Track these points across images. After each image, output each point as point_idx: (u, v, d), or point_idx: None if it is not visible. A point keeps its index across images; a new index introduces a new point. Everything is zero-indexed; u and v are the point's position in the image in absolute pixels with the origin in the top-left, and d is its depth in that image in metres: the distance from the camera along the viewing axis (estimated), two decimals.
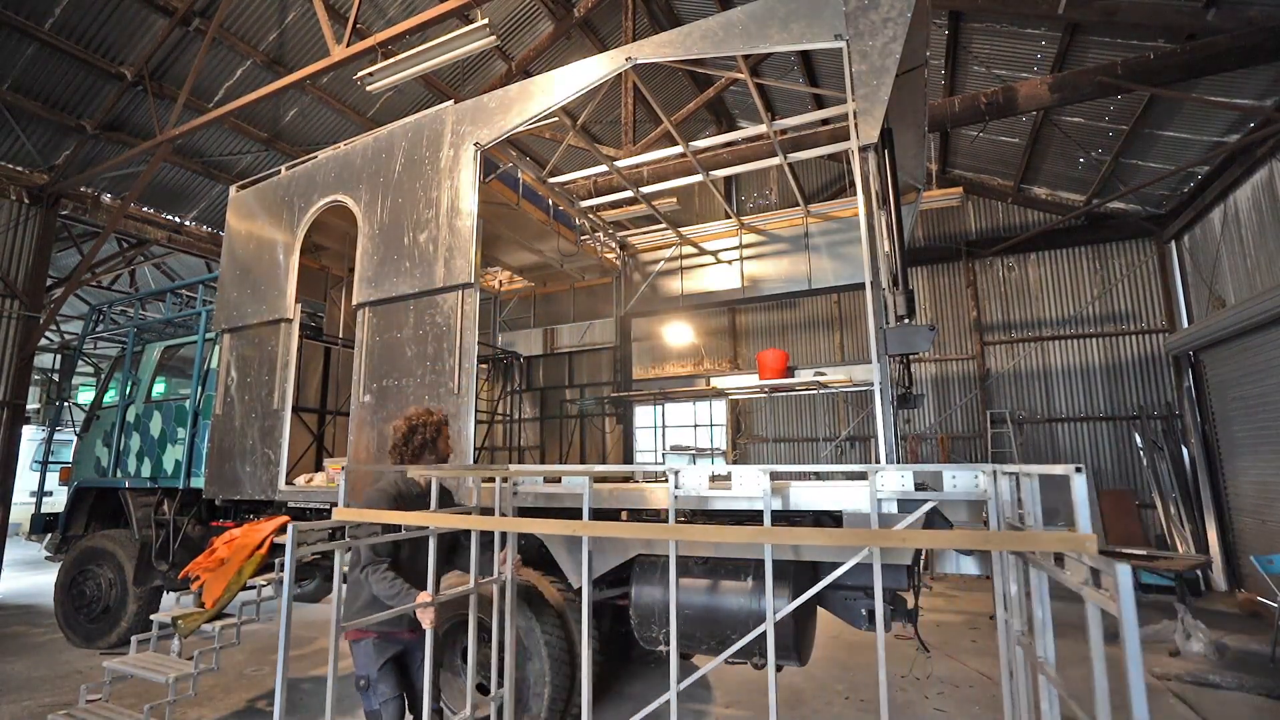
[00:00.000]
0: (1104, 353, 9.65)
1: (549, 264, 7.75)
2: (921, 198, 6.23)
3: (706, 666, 2.64)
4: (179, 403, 6.13)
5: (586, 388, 9.13)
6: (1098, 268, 9.85)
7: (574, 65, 4.19)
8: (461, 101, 4.57)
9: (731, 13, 3.71)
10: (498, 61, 9.50)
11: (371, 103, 9.45)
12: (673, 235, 7.67)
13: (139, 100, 8.24)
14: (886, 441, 3.02)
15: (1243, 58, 5.58)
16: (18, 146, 8.24)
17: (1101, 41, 6.90)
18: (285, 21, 7.92)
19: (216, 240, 10.39)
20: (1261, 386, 7.14)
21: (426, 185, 4.51)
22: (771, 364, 7.80)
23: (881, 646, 2.27)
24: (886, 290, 3.50)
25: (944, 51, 7.88)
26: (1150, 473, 8.80)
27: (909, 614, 3.35)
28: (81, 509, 6.76)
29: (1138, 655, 1.22)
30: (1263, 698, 4.56)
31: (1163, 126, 7.64)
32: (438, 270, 4.32)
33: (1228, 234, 7.80)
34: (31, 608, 7.73)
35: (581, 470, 2.97)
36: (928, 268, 10.91)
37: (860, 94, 3.27)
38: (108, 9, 7.15)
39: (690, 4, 9.56)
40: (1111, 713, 1.38)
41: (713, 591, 3.28)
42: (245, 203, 5.73)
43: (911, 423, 10.59)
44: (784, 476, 3.51)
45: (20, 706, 4.57)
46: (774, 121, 5.45)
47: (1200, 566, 6.77)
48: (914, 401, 4.88)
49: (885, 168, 4.17)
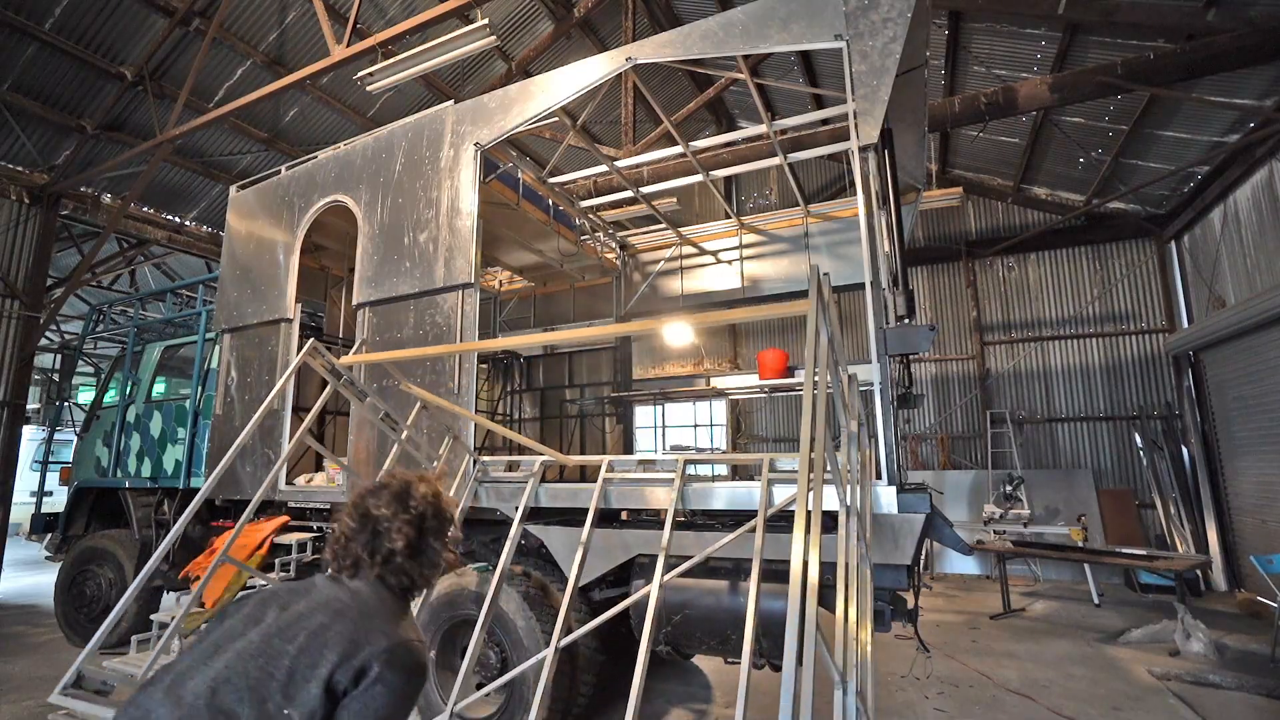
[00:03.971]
0: (1104, 353, 9.64)
1: (549, 264, 7.75)
2: (921, 198, 6.24)
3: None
4: (179, 403, 6.13)
5: (586, 388, 9.13)
6: (1098, 268, 9.85)
7: (574, 65, 4.19)
8: (461, 101, 4.58)
9: (731, 13, 3.71)
10: (498, 61, 9.49)
11: (371, 103, 9.44)
12: (673, 235, 7.68)
13: (139, 100, 8.23)
14: (886, 442, 3.02)
15: (1243, 58, 5.57)
16: (18, 146, 8.23)
17: (1101, 41, 6.90)
18: (285, 21, 7.91)
19: (216, 240, 10.38)
20: (1261, 386, 7.14)
21: (426, 185, 4.52)
22: (771, 364, 7.81)
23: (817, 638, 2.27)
24: (886, 290, 3.51)
25: (944, 51, 7.88)
26: (1150, 473, 8.79)
27: (909, 614, 3.35)
28: (81, 509, 6.76)
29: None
30: (1263, 698, 4.56)
31: (1163, 126, 7.63)
32: (438, 270, 4.32)
33: (1228, 234, 7.80)
34: (31, 608, 7.73)
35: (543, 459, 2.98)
36: (928, 268, 10.90)
37: (860, 94, 3.27)
38: (108, 9, 7.15)
39: (690, 4, 9.56)
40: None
41: (713, 591, 3.28)
42: (245, 203, 5.73)
43: (911, 423, 10.59)
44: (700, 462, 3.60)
45: (20, 706, 4.57)
46: (774, 121, 5.46)
47: (1200, 566, 6.78)
48: (914, 401, 4.89)
49: (885, 168, 4.17)
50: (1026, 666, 5.27)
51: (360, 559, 1.47)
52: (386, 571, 1.47)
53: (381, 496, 1.54)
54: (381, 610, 1.39)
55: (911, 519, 2.87)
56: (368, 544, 1.48)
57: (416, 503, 1.54)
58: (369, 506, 1.52)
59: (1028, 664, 5.34)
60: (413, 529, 1.51)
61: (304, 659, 1.23)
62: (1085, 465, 9.36)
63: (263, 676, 1.21)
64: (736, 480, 3.31)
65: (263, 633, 1.27)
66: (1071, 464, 9.45)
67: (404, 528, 1.50)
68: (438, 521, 1.58)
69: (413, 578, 1.52)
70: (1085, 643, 5.93)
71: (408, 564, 1.50)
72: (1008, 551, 7.13)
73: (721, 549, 3.12)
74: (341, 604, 1.34)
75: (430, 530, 1.55)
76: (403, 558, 1.49)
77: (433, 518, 1.57)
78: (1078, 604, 7.42)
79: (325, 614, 1.31)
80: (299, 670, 1.22)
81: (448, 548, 1.62)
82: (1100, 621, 6.64)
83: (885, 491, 2.91)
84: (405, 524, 1.50)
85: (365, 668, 1.23)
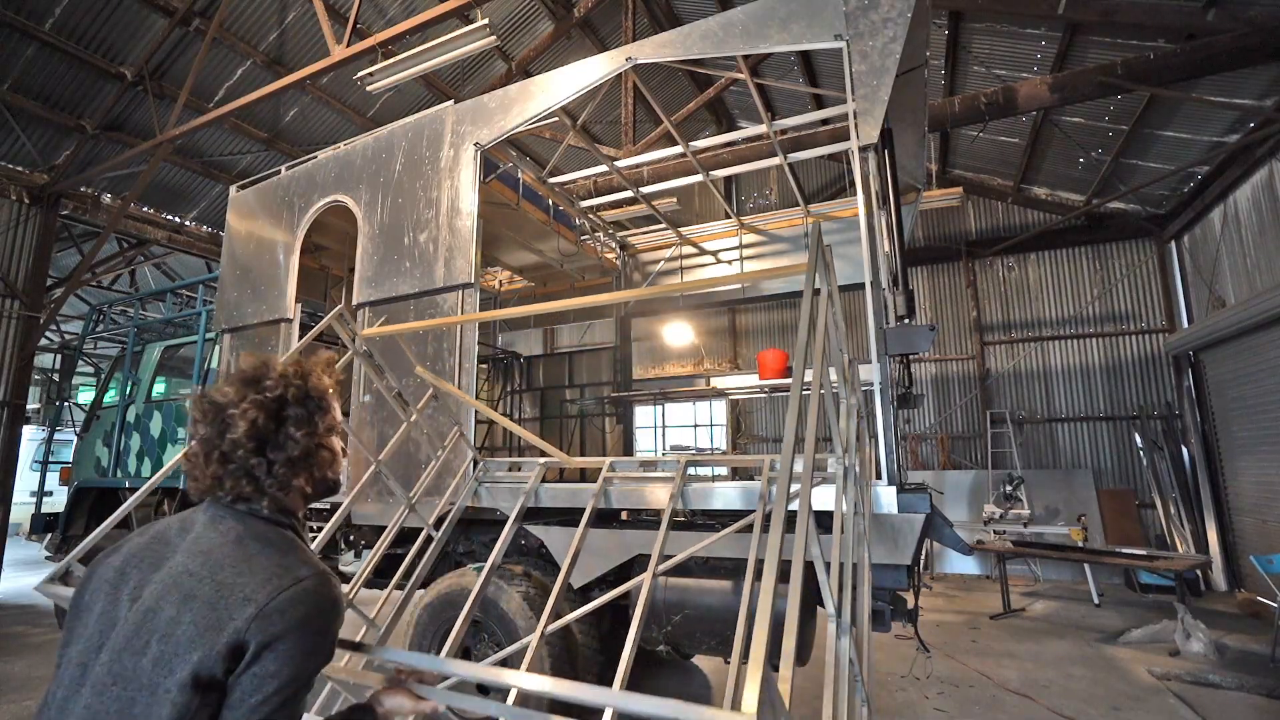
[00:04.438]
0: (1104, 353, 9.64)
1: (549, 264, 7.75)
2: (921, 198, 6.24)
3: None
4: (179, 403, 6.13)
5: (586, 388, 9.15)
6: (1098, 268, 9.85)
7: (574, 65, 4.19)
8: (461, 101, 4.57)
9: (731, 13, 3.71)
10: (498, 61, 9.50)
11: (371, 103, 9.45)
12: (673, 235, 7.68)
13: (139, 100, 8.23)
14: (886, 442, 3.02)
15: (1243, 58, 5.57)
16: (18, 146, 8.23)
17: (1101, 41, 6.90)
18: (285, 21, 7.92)
19: (216, 240, 10.38)
20: (1261, 386, 7.14)
21: (426, 185, 4.52)
22: (771, 364, 7.81)
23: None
24: (886, 290, 3.51)
25: (944, 51, 7.88)
26: (1150, 473, 8.80)
27: (909, 614, 3.35)
28: (81, 509, 6.76)
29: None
30: (1263, 698, 4.56)
31: (1163, 126, 7.63)
32: (438, 270, 4.32)
33: (1228, 234, 7.80)
34: (31, 608, 7.72)
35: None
36: (928, 268, 10.90)
37: (860, 94, 3.27)
38: (108, 9, 7.15)
39: (690, 4, 9.56)
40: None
41: (713, 591, 3.28)
42: (245, 203, 5.73)
43: (911, 423, 10.59)
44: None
45: (20, 706, 4.57)
46: (774, 121, 5.46)
47: (1200, 566, 6.78)
48: (914, 401, 4.89)
49: (885, 168, 4.17)
50: (1026, 666, 5.28)
51: (219, 475, 1.17)
52: (241, 483, 1.17)
53: (231, 381, 1.22)
54: (248, 558, 1.11)
55: (911, 519, 2.87)
56: (216, 447, 1.17)
57: (273, 383, 1.20)
58: (215, 395, 1.20)
59: (1028, 664, 5.34)
60: (261, 412, 1.17)
61: (161, 674, 1.00)
62: (1085, 465, 9.36)
63: (122, 711, 1.00)
64: (737, 480, 3.31)
65: (113, 651, 1.04)
66: (1071, 464, 9.45)
67: (249, 410, 1.16)
68: (303, 408, 1.22)
69: (278, 483, 1.18)
70: (1085, 643, 5.93)
71: (255, 462, 1.16)
72: (1008, 551, 7.13)
73: (721, 549, 3.12)
74: (194, 577, 1.07)
75: (292, 418, 1.21)
76: (246, 452, 1.16)
77: (296, 402, 1.22)
78: (1078, 604, 7.42)
79: (174, 600, 1.05)
80: (159, 693, 0.99)
81: (321, 438, 1.25)
82: (1100, 621, 6.64)
83: (885, 491, 2.91)
84: (252, 406, 1.16)
85: (239, 645, 1.01)
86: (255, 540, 1.15)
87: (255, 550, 1.13)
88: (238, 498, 1.18)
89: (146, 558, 1.15)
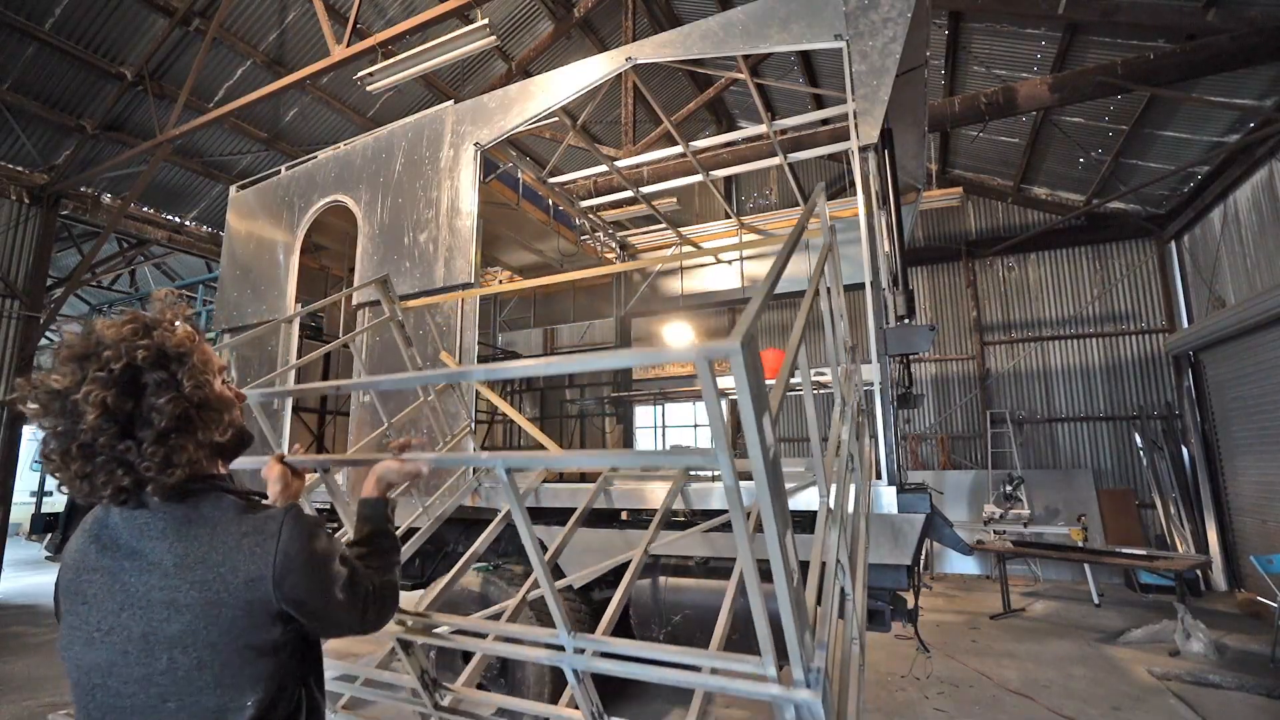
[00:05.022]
0: (1104, 353, 9.64)
1: (549, 264, 7.75)
2: (921, 198, 6.24)
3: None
4: None
5: (586, 388, 9.14)
6: (1098, 268, 9.85)
7: (574, 65, 4.19)
8: (461, 101, 4.58)
9: (731, 13, 3.71)
10: (498, 61, 9.50)
11: (371, 103, 9.44)
12: (673, 235, 7.68)
13: (139, 100, 8.23)
14: (886, 442, 3.02)
15: (1243, 58, 5.58)
16: (18, 146, 8.23)
17: (1101, 41, 6.90)
18: (285, 21, 7.92)
19: (216, 240, 10.38)
20: (1261, 386, 7.14)
21: (426, 185, 4.52)
22: (771, 364, 7.80)
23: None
24: (886, 290, 3.51)
25: (944, 51, 7.88)
26: (1150, 473, 8.79)
27: (909, 614, 3.35)
28: (81, 509, 6.75)
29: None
30: (1263, 698, 4.56)
31: (1163, 126, 7.63)
32: (438, 270, 4.32)
33: (1228, 234, 7.80)
34: (31, 608, 7.72)
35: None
36: (928, 268, 10.90)
37: (860, 94, 3.27)
38: (108, 9, 7.15)
39: (690, 4, 9.56)
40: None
41: (713, 591, 3.28)
42: (245, 203, 5.73)
43: (911, 423, 10.59)
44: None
45: (20, 706, 4.57)
46: (774, 121, 5.46)
47: (1200, 566, 6.78)
48: (914, 401, 4.90)
49: (885, 168, 4.17)
50: (1026, 666, 5.27)
51: (88, 473, 0.99)
52: (117, 474, 0.99)
53: (62, 360, 1.00)
54: (215, 543, 1.04)
55: (911, 519, 2.87)
56: (73, 441, 0.98)
57: (112, 353, 0.99)
58: (49, 382, 0.99)
59: (1028, 664, 5.34)
60: (109, 390, 0.97)
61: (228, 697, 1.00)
62: (1085, 465, 9.36)
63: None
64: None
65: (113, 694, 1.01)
66: (1071, 464, 9.45)
67: (94, 392, 0.96)
68: (162, 370, 1.02)
69: (160, 464, 0.99)
70: (1085, 643, 5.93)
71: (124, 446, 0.98)
72: (1008, 551, 7.13)
73: (723, 550, 3.12)
74: (178, 598, 0.99)
75: (151, 385, 1.00)
76: (110, 438, 0.97)
77: (151, 366, 1.01)
78: (1078, 604, 7.42)
79: (180, 645, 0.99)
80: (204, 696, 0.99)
81: (196, 393, 1.04)
82: (1100, 621, 6.64)
83: (885, 491, 2.91)
84: (97, 386, 0.97)
85: (279, 614, 1.02)
86: (202, 524, 1.05)
87: (212, 530, 1.04)
88: (118, 489, 1.00)
89: (99, 589, 1.04)
